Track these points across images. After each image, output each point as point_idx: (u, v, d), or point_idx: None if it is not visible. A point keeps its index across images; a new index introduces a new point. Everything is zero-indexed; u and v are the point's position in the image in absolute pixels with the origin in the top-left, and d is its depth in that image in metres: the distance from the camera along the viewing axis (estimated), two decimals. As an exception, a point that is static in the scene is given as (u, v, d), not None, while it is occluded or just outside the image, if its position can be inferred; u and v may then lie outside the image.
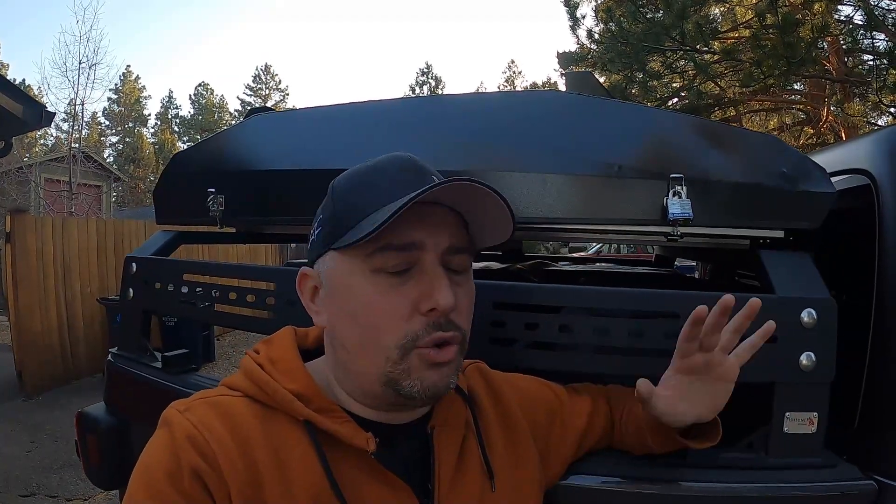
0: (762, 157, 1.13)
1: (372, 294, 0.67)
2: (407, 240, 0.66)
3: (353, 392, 0.72)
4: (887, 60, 6.25)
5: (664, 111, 1.04)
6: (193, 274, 1.43)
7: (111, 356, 1.58)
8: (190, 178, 1.58)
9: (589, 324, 1.00)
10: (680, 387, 0.82)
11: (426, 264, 0.67)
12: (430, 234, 0.67)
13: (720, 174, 1.09)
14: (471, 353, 0.92)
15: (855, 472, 0.96)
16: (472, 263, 0.76)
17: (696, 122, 1.33)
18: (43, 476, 3.82)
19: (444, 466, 0.73)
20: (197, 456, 0.62)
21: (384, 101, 1.41)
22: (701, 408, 0.82)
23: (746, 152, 1.15)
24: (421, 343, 0.66)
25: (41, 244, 5.73)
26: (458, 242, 0.70)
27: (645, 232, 1.16)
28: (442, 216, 0.69)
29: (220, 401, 0.69)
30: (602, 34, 8.87)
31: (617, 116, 1.23)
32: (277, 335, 0.79)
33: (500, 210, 0.69)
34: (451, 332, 0.67)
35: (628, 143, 1.15)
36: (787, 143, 1.21)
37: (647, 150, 1.14)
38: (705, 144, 1.15)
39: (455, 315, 0.68)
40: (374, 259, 0.66)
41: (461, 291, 0.70)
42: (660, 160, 1.11)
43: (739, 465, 0.96)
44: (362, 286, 0.67)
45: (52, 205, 13.64)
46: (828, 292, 0.98)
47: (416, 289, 0.67)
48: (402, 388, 0.67)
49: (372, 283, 0.67)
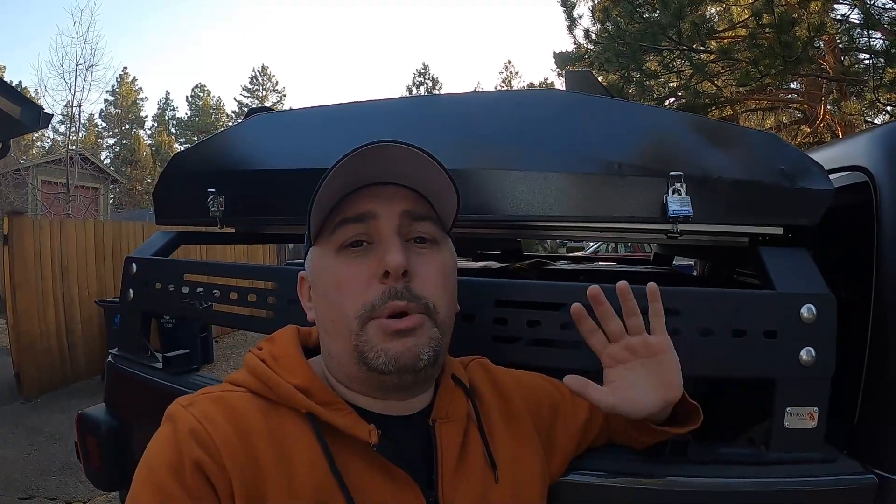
0: (761, 155, 1.13)
1: (337, 270, 0.71)
2: (360, 210, 0.71)
3: (344, 379, 0.74)
4: (884, 59, 6.27)
5: (663, 109, 1.05)
6: (194, 274, 1.43)
7: (111, 357, 1.57)
8: (190, 179, 1.58)
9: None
10: (620, 377, 0.81)
11: (381, 233, 0.71)
12: (382, 204, 0.72)
13: (719, 171, 1.10)
14: (473, 350, 0.93)
15: (856, 467, 0.97)
16: (446, 237, 0.79)
17: (695, 119, 1.33)
18: (42, 479, 3.81)
19: (446, 458, 0.73)
20: (199, 449, 0.62)
21: (384, 101, 1.41)
22: (657, 390, 0.80)
23: (745, 149, 1.15)
24: (377, 313, 0.68)
25: (39, 246, 5.72)
26: (415, 208, 0.74)
27: (645, 230, 1.16)
28: (396, 191, 0.74)
29: (224, 396, 0.70)
30: (599, 34, 8.89)
31: (616, 115, 1.23)
32: (280, 333, 0.80)
33: (441, 176, 0.72)
34: (406, 302, 0.69)
35: (628, 141, 1.16)
36: (785, 141, 1.21)
37: (647, 148, 1.15)
38: (704, 142, 1.16)
39: (418, 285, 0.70)
40: (335, 237, 0.72)
41: (425, 261, 0.73)
42: (659, 158, 1.11)
43: (740, 460, 0.96)
44: (330, 266, 0.72)
45: (49, 207, 13.61)
46: (827, 288, 0.98)
47: (375, 260, 0.70)
48: (369, 362, 0.68)
49: (337, 261, 0.72)
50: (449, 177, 0.73)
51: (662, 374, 0.80)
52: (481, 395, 0.84)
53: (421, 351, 0.69)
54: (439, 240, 0.77)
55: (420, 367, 0.70)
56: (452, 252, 0.80)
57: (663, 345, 0.80)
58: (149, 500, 0.61)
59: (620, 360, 0.81)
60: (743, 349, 0.95)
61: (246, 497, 0.62)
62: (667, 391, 0.81)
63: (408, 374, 0.70)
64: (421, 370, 0.70)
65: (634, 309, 0.79)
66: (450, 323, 0.76)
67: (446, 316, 0.74)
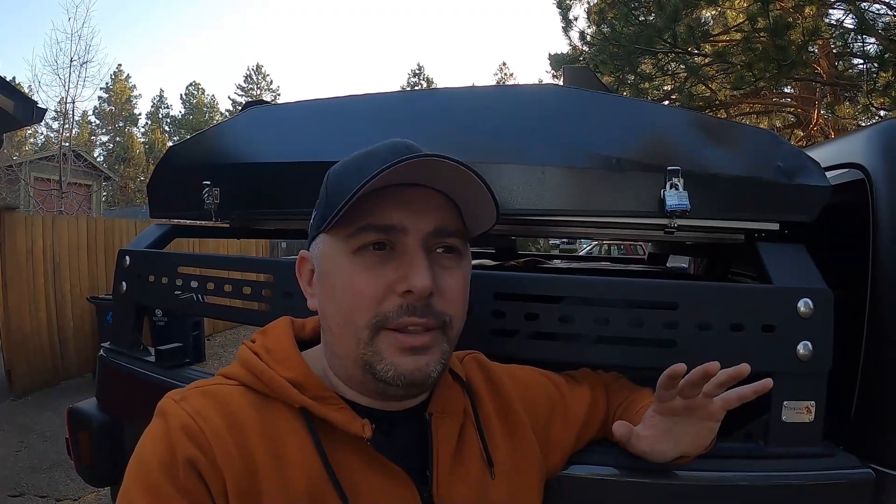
0: (758, 151, 1.13)
1: (351, 274, 0.67)
2: (387, 221, 0.66)
3: (344, 377, 0.72)
4: (878, 64, 6.31)
5: (662, 105, 1.04)
6: (188, 267, 1.41)
7: (103, 351, 1.56)
8: (185, 171, 1.57)
9: (589, 314, 1.01)
10: (662, 427, 0.83)
11: (407, 247, 0.67)
12: (411, 217, 0.67)
13: (717, 167, 1.10)
14: (471, 344, 0.92)
15: (853, 461, 0.97)
16: (468, 246, 0.76)
17: (693, 116, 1.34)
18: (32, 476, 3.78)
19: (442, 453, 0.72)
20: (192, 445, 0.61)
21: (381, 94, 1.40)
22: (685, 445, 0.84)
23: (743, 146, 1.15)
24: (390, 325, 0.65)
25: (31, 243, 5.69)
26: (445, 224, 0.70)
27: (642, 224, 1.16)
28: (427, 198, 0.69)
29: (216, 390, 0.69)
30: (594, 36, 8.93)
31: (615, 110, 1.23)
32: (273, 325, 0.79)
33: (481, 191, 0.69)
34: (425, 319, 0.66)
35: (627, 136, 1.16)
36: (782, 138, 1.22)
37: (645, 144, 1.15)
38: (703, 138, 1.16)
39: (438, 301, 0.67)
40: (355, 239, 0.67)
41: (448, 275, 0.69)
42: (658, 153, 1.12)
43: (738, 454, 0.97)
44: (344, 266, 0.68)
45: (41, 203, 13.51)
46: (824, 283, 0.98)
47: (395, 271, 0.66)
48: (377, 373, 0.66)
49: (352, 264, 0.67)
50: (493, 196, 0.70)
51: (701, 437, 0.83)
52: (477, 391, 0.83)
53: (432, 369, 0.67)
54: (463, 250, 0.73)
55: (429, 384, 0.69)
56: (470, 258, 0.77)
57: (720, 415, 0.80)
58: (141, 498, 0.60)
59: (674, 412, 0.81)
60: (741, 343, 0.96)
61: (239, 493, 0.62)
62: (695, 449, 0.84)
63: (415, 388, 0.69)
64: (428, 385, 0.70)
65: (726, 384, 0.75)
66: (458, 337, 0.73)
67: (459, 329, 0.72)
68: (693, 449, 0.85)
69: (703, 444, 0.84)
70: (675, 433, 0.83)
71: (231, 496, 0.61)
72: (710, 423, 0.81)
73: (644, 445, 0.84)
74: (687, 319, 0.97)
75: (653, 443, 0.84)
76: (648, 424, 0.84)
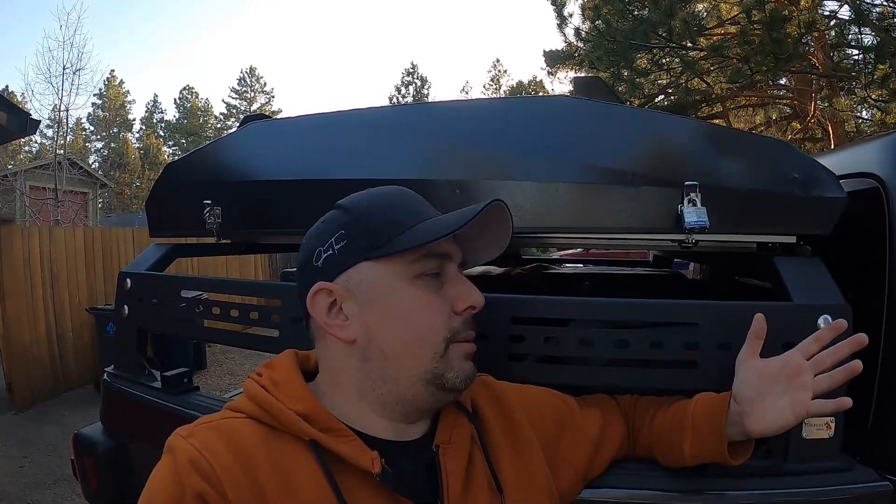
0: (774, 163, 1.12)
1: (420, 296, 0.73)
2: (443, 250, 0.75)
3: (380, 404, 0.73)
4: (874, 55, 6.31)
5: (675, 116, 1.01)
6: (191, 290, 1.40)
7: (107, 375, 1.54)
8: (184, 190, 1.55)
9: (608, 336, 1.00)
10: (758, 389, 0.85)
11: (452, 272, 0.76)
12: (453, 248, 0.77)
13: (733, 180, 1.08)
14: (489, 370, 0.91)
15: (871, 475, 0.96)
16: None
17: (707, 128, 1.32)
18: (37, 492, 3.76)
19: (452, 484, 0.73)
20: (201, 480, 0.61)
21: (385, 108, 1.39)
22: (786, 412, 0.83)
23: (758, 158, 1.13)
24: (459, 338, 0.74)
25: (28, 253, 5.67)
26: (462, 255, 0.80)
27: (658, 240, 1.15)
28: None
29: (224, 424, 0.69)
30: (589, 32, 8.91)
31: (628, 123, 1.21)
32: (279, 358, 0.78)
33: (503, 229, 0.80)
34: (476, 329, 0.77)
35: (641, 149, 1.14)
36: (797, 148, 1.20)
37: (660, 157, 1.13)
38: (718, 151, 1.14)
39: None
40: (417, 265, 0.73)
41: None
42: (672, 167, 1.10)
43: (758, 472, 0.95)
44: (409, 290, 0.73)
45: (38, 213, 13.46)
46: (843, 298, 0.97)
47: (452, 291, 0.75)
48: (447, 381, 0.72)
49: (416, 287, 0.73)
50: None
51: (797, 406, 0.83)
52: (483, 414, 0.84)
53: (475, 369, 0.77)
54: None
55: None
56: None
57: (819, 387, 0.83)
58: None
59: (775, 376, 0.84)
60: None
61: None
62: (794, 419, 0.84)
63: (459, 392, 0.75)
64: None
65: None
66: None
67: None
68: (793, 417, 0.82)
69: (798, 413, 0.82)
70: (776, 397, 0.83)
71: None
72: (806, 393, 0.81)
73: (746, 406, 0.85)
74: (708, 339, 0.96)
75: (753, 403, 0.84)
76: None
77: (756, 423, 0.84)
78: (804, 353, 0.83)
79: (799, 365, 0.82)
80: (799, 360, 0.83)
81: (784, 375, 0.83)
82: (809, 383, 0.81)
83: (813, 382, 0.81)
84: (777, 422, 0.82)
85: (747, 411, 0.84)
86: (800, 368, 0.82)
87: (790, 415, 0.82)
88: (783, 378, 0.83)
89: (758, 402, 0.84)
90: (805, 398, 0.81)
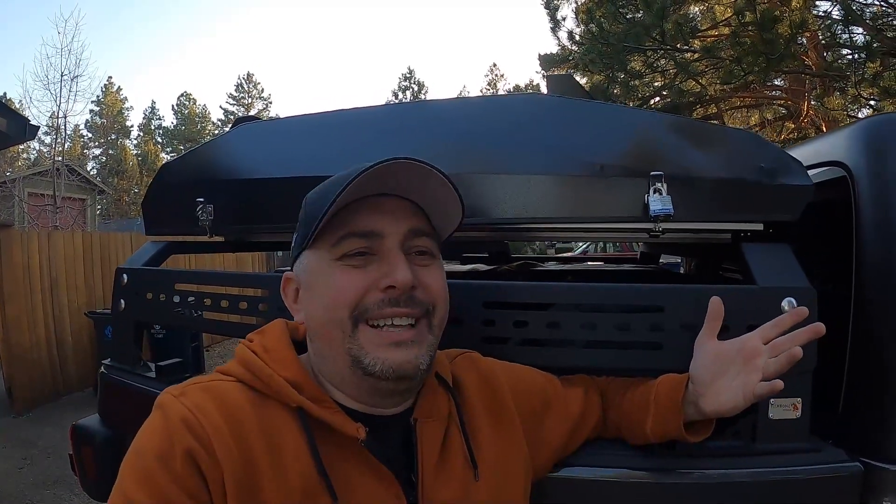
0: (741, 153, 1.15)
1: (338, 276, 0.73)
2: (367, 228, 0.73)
3: (337, 381, 0.75)
4: (866, 54, 6.33)
5: (643, 111, 1.06)
6: (185, 283, 1.43)
7: (104, 368, 1.57)
8: (178, 189, 1.59)
9: (578, 319, 1.03)
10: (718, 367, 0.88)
11: (386, 249, 0.73)
12: (388, 222, 0.74)
13: (699, 170, 1.12)
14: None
15: (841, 455, 0.99)
16: (439, 249, 0.82)
17: (675, 120, 1.35)
18: (37, 492, 3.78)
19: (427, 457, 0.75)
20: (192, 438, 0.63)
21: (372, 108, 1.42)
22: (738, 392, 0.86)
23: (725, 148, 1.17)
24: (371, 316, 0.71)
25: (27, 258, 5.68)
26: (419, 225, 0.77)
27: (628, 229, 1.18)
28: (399, 205, 0.76)
29: (215, 385, 0.71)
30: (583, 35, 8.94)
31: (598, 117, 1.25)
32: (270, 326, 0.81)
33: (448, 192, 0.76)
34: (408, 308, 0.72)
35: (610, 142, 1.17)
36: (764, 139, 1.24)
37: (628, 149, 1.16)
38: (685, 142, 1.18)
39: (421, 293, 0.74)
40: (338, 248, 0.73)
41: (426, 272, 0.76)
42: (640, 158, 1.13)
43: (728, 452, 0.98)
44: (329, 272, 0.73)
45: (36, 219, 13.46)
46: (807, 281, 1.00)
47: (377, 271, 0.72)
48: (366, 367, 0.70)
49: (336, 269, 0.73)
50: (457, 193, 0.76)
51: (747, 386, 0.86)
52: (466, 391, 0.85)
53: (420, 361, 0.72)
54: (435, 252, 0.80)
55: (418, 376, 0.73)
56: (442, 260, 0.83)
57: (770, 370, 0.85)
58: (135, 487, 0.61)
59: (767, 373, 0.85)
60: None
61: (236, 487, 0.63)
62: (744, 402, 0.86)
63: (405, 381, 0.73)
64: (417, 377, 0.73)
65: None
66: (443, 327, 0.78)
67: (442, 319, 0.77)
68: (743, 400, 0.85)
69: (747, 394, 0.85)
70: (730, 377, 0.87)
71: (229, 489, 0.63)
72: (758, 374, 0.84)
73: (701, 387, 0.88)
74: (672, 322, 0.99)
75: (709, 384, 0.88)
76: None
77: (710, 404, 0.87)
78: (763, 338, 0.86)
79: (754, 348, 0.85)
80: (755, 343, 0.85)
81: (740, 357, 0.86)
82: (761, 366, 0.83)
83: (764, 366, 0.83)
84: (728, 402, 0.85)
85: (701, 392, 0.88)
86: (755, 351, 0.85)
87: (740, 396, 0.84)
88: (739, 360, 0.86)
89: (712, 383, 0.87)
90: (754, 380, 0.83)
